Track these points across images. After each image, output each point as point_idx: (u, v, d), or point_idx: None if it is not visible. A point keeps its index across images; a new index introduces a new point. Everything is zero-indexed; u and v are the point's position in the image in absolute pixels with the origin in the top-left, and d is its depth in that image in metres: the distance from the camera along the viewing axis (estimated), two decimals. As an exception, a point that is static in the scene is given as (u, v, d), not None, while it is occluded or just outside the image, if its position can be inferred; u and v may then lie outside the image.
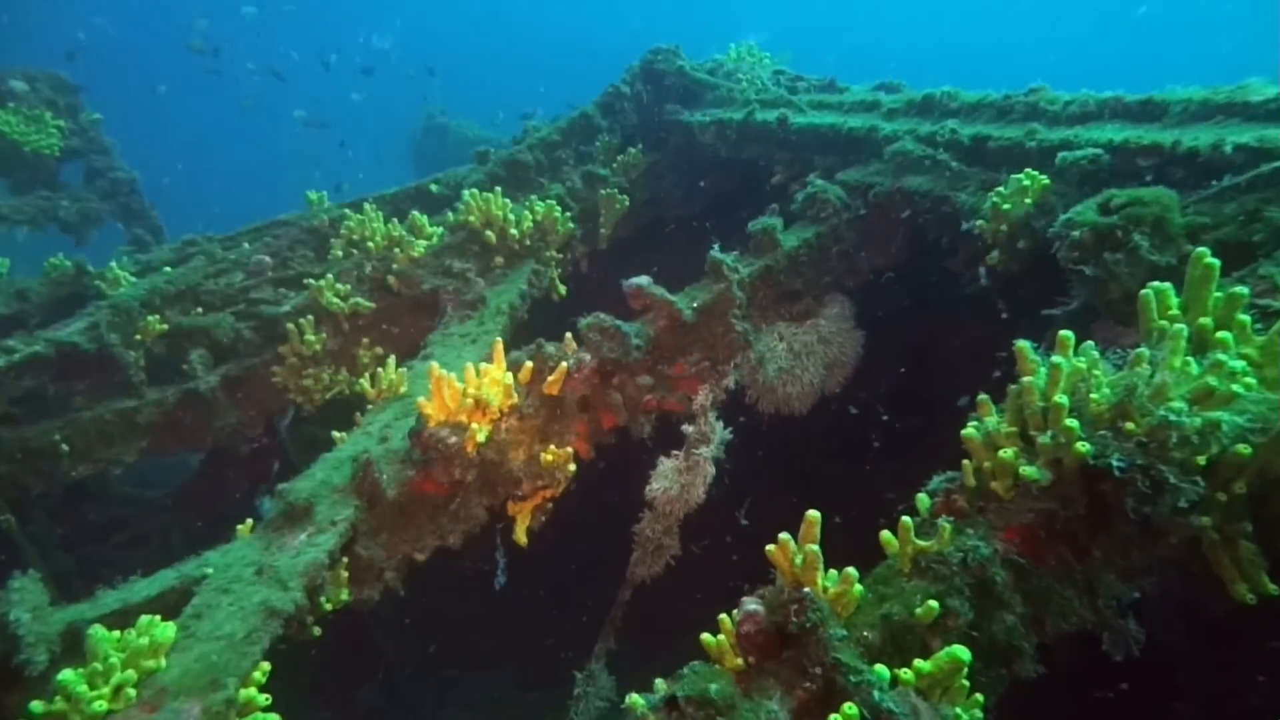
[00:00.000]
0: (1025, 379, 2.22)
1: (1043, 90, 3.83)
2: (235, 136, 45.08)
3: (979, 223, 3.50)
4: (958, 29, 52.63)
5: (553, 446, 4.11)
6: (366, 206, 6.03)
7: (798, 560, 2.29)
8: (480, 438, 3.90)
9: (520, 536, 4.24)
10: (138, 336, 5.07)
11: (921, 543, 2.24)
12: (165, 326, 5.20)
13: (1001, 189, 3.39)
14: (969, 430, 2.35)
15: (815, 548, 2.25)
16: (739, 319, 4.24)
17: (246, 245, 5.91)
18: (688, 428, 4.26)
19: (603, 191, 6.25)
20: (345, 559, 3.72)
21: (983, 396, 2.40)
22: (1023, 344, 2.26)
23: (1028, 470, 2.15)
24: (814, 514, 2.33)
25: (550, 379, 4.10)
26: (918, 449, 5.16)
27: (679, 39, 7.17)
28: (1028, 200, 3.26)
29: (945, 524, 2.21)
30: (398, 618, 6.30)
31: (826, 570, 2.26)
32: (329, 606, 3.60)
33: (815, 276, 4.53)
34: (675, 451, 4.26)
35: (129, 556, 5.88)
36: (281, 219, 6.17)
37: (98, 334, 4.82)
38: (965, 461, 2.36)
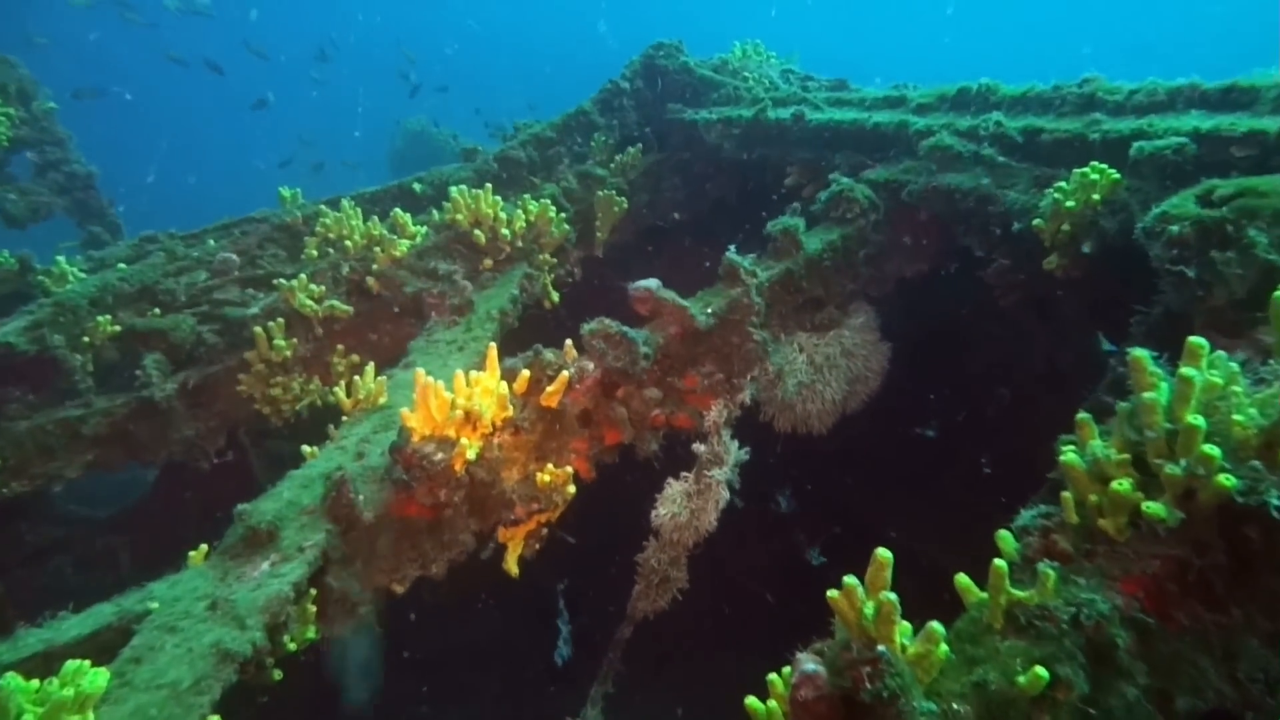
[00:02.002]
0: (1145, 395, 1.85)
1: (1098, 80, 3.52)
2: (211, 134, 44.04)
3: (1036, 222, 3.16)
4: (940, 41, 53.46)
5: (550, 465, 3.69)
6: (345, 203, 5.59)
7: (868, 610, 1.89)
8: (470, 454, 3.48)
9: (511, 566, 3.81)
10: (85, 338, 4.57)
11: (1018, 593, 1.85)
12: (117, 328, 4.71)
13: (1063, 184, 3.05)
14: (1069, 456, 1.96)
15: (891, 596, 1.85)
16: (757, 328, 3.85)
17: (212, 242, 5.43)
18: (699, 447, 3.87)
19: (600, 192, 5.87)
20: (314, 591, 3.27)
21: (1083, 415, 2.02)
22: (1140, 353, 1.89)
23: (1153, 508, 1.77)
24: (884, 553, 1.93)
25: (549, 390, 3.69)
26: (953, 474, 4.88)
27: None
28: (1095, 196, 2.93)
29: (1048, 571, 1.82)
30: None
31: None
32: (293, 646, 3.16)
33: (839, 283, 4.16)
34: (685, 473, 3.87)
35: (70, 582, 5.34)
36: (252, 215, 5.70)
37: (39, 334, 4.33)
38: (1065, 494, 1.98)
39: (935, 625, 1.80)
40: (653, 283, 3.95)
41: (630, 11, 51.10)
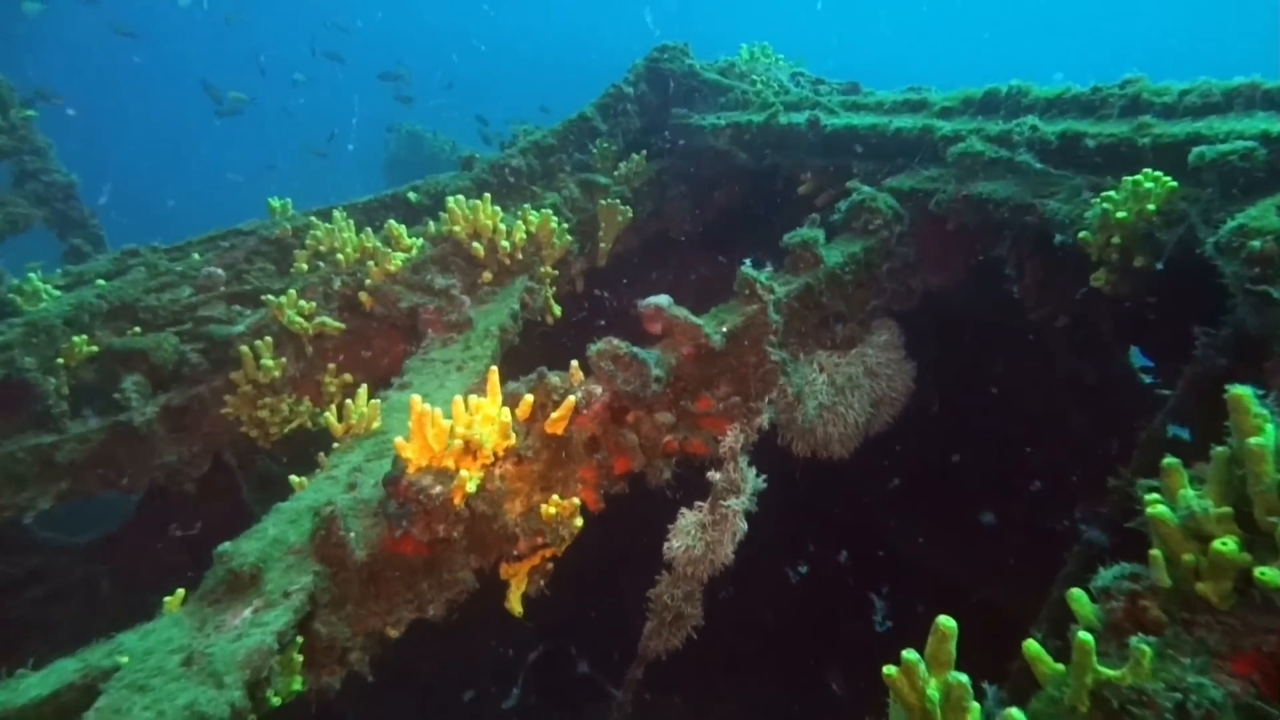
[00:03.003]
0: (1251, 441, 1.60)
1: (1141, 80, 3.29)
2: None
3: (1082, 235, 2.92)
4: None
5: (556, 496, 3.43)
6: (336, 214, 5.35)
7: (933, 693, 1.64)
8: (470, 487, 3.22)
9: (514, 605, 3.55)
10: (60, 360, 4.30)
11: (1107, 670, 1.60)
12: (95, 348, 4.44)
13: (1112, 193, 2.81)
14: (1158, 509, 1.72)
15: (962, 678, 1.61)
16: (775, 347, 3.61)
17: (196, 256, 5.17)
18: (714, 475, 3.62)
19: (603, 201, 5.63)
20: (300, 638, 3.02)
21: (1171, 460, 1.77)
22: (1242, 391, 1.64)
23: (1269, 575, 1.53)
24: (948, 623, 1.69)
25: (554, 416, 3.44)
26: (981, 496, 4.65)
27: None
28: (1150, 206, 2.69)
29: (1143, 647, 1.57)
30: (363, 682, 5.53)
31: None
32: (277, 701, 2.90)
33: (861, 298, 3.92)
34: (699, 503, 3.63)
35: (47, 614, 5.07)
36: (238, 227, 5.45)
37: (9, 357, 4.06)
38: (1154, 553, 1.73)
39: (1015, 712, 1.55)
40: (663, 299, 3.71)
41: (671, 7, 50.01)
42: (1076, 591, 1.82)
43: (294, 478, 3.69)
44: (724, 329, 3.62)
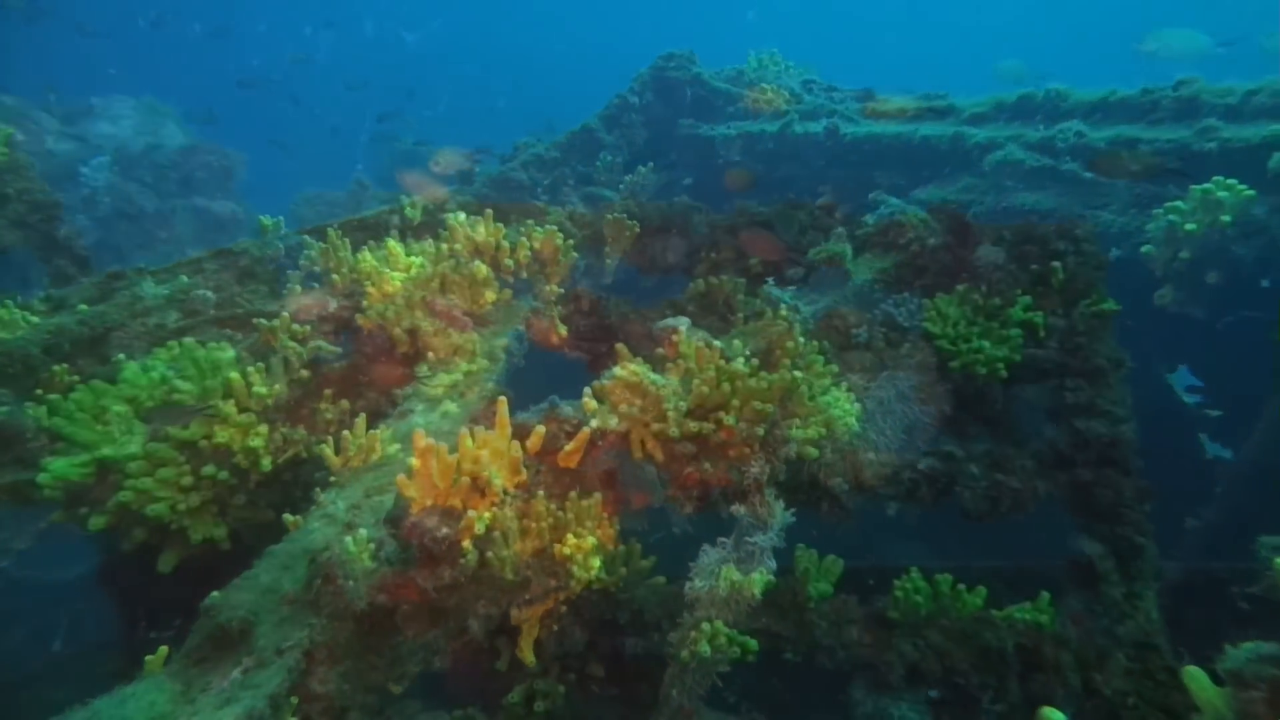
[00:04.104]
0: None
1: (1196, 82, 3.07)
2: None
3: (1145, 249, 2.70)
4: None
5: (570, 535, 3.20)
6: (331, 233, 5.11)
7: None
8: (479, 527, 2.98)
9: (526, 654, 3.31)
10: (39, 390, 4.06)
11: (1248, 773, 1.35)
12: (76, 378, 4.19)
13: (1179, 204, 2.59)
14: (1293, 575, 1.47)
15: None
16: (801, 370, 3.38)
17: (185, 279, 4.93)
18: (739, 508, 3.38)
19: (609, 216, 5.40)
20: (294, 699, 2.77)
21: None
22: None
23: None
24: (1055, 717, 1.44)
25: (568, 449, 3.21)
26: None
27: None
28: (1225, 218, 2.46)
29: (1295, 744, 1.32)
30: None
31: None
32: (269, 771, 2.64)
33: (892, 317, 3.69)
34: (722, 539, 3.39)
35: (28, 657, 4.78)
36: (228, 248, 5.22)
37: (-17, 389, 3.82)
38: (1290, 626, 1.48)
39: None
40: (682, 321, 3.49)
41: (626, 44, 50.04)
42: (1195, 671, 1.57)
43: (288, 516, 3.46)
44: (747, 352, 3.39)
